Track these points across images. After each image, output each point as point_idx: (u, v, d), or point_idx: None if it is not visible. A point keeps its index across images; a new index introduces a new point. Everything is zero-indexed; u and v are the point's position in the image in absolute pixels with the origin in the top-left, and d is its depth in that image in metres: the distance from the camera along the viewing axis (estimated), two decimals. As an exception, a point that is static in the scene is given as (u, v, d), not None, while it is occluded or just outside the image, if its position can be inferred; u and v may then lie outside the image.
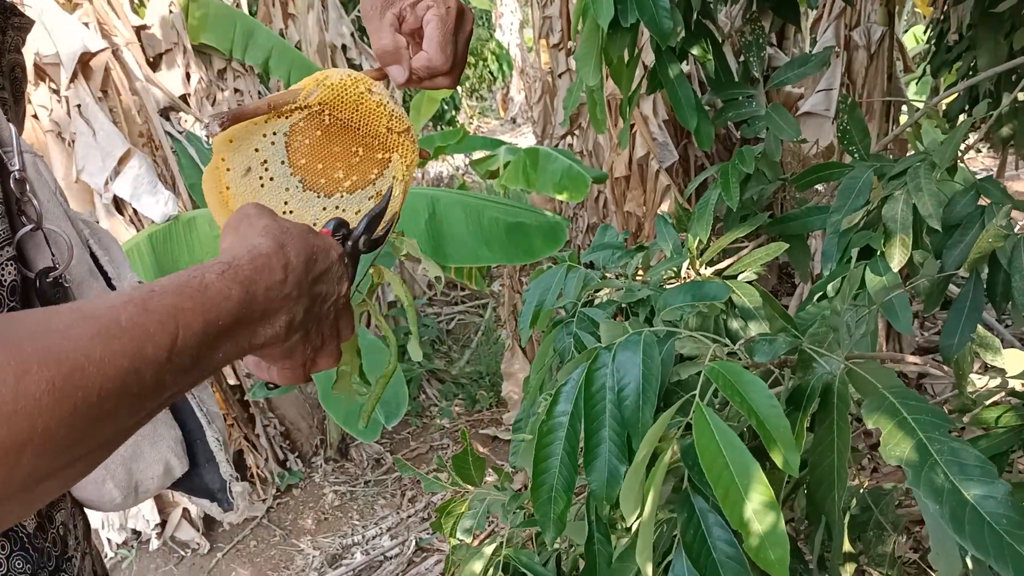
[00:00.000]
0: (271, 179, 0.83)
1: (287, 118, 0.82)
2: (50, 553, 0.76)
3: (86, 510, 0.90)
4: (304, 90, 0.82)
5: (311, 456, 3.97)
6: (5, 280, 0.67)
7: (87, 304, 0.49)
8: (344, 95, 0.83)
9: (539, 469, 0.95)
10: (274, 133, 0.82)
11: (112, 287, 0.82)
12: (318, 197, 0.84)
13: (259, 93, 4.26)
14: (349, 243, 0.81)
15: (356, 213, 0.85)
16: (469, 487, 1.25)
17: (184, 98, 3.74)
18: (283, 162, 0.83)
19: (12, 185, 0.70)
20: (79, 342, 0.44)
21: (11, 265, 0.68)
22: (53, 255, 0.73)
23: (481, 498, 1.22)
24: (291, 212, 0.83)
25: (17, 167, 0.70)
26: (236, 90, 4.09)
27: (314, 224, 0.83)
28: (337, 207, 0.85)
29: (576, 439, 0.95)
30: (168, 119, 3.36)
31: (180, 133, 3.31)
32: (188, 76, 3.80)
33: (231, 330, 0.55)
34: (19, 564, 0.72)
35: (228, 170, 0.81)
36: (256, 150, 0.82)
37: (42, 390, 0.41)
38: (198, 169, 3.27)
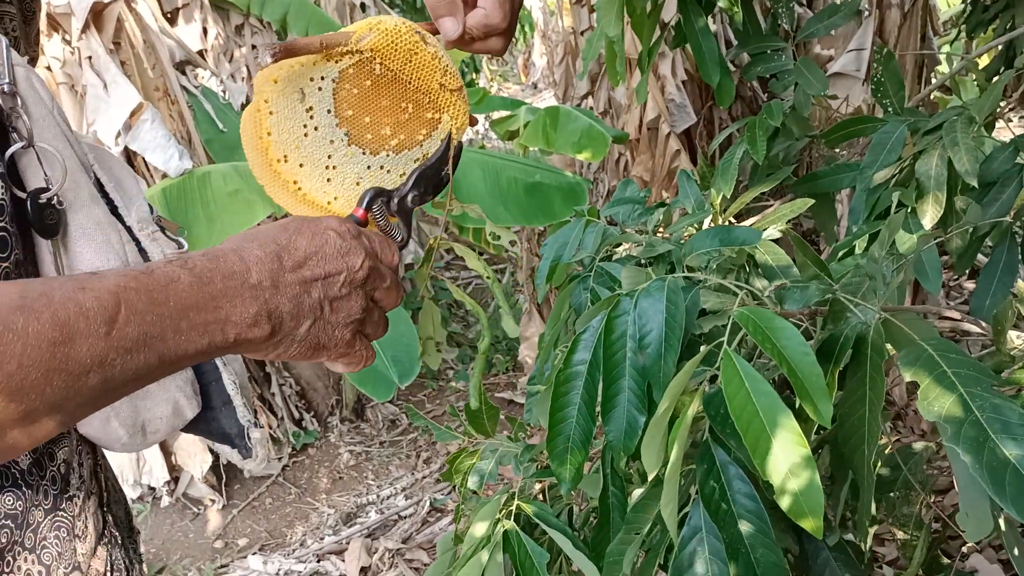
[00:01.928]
0: (315, 129, 0.78)
1: (336, 62, 0.77)
2: (47, 491, 0.73)
3: (107, 453, 0.88)
4: (356, 33, 0.77)
5: (327, 416, 3.97)
6: None
7: (31, 281, 0.52)
8: (397, 42, 0.77)
9: (556, 419, 0.92)
10: (322, 78, 0.77)
11: (118, 216, 0.79)
12: (363, 154, 0.80)
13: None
14: (395, 200, 0.78)
15: (400, 176, 0.81)
16: (481, 438, 1.22)
17: (201, 53, 3.70)
18: (329, 111, 0.78)
19: (1, 100, 0.67)
20: (1, 312, 0.47)
21: None
22: (47, 175, 0.70)
23: (493, 449, 1.19)
24: (334, 167, 0.79)
25: (7, 80, 0.67)
26: (253, 46, 4.04)
27: (357, 183, 0.80)
28: (382, 167, 0.81)
29: (595, 389, 0.91)
30: (184, 74, 3.32)
31: (196, 88, 3.28)
32: (205, 31, 3.76)
33: (187, 314, 0.56)
34: (10, 500, 0.70)
35: (271, 113, 0.77)
36: (302, 94, 0.77)
37: None
38: (214, 124, 3.24)
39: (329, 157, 0.79)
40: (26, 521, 0.70)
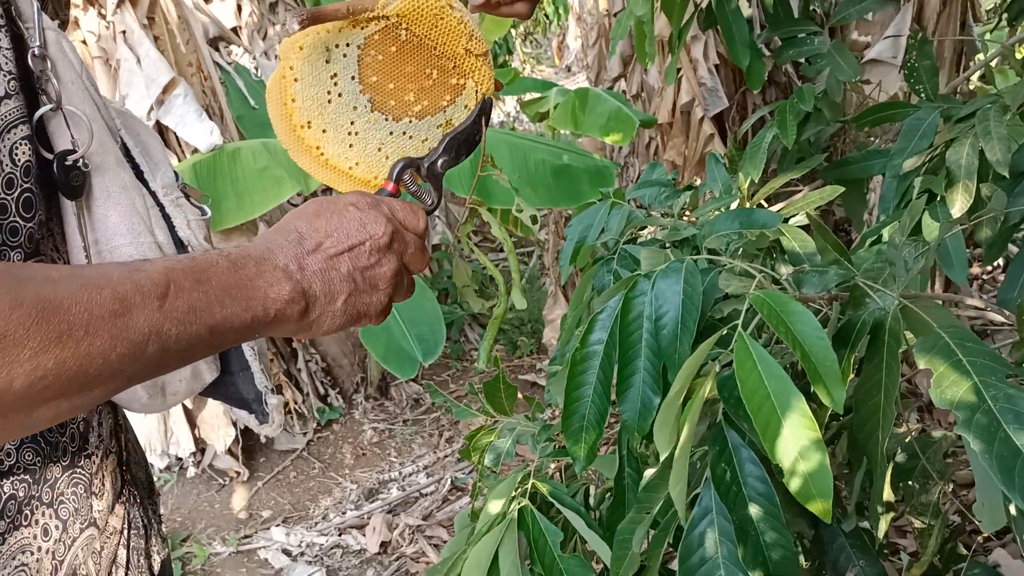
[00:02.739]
0: (339, 95, 0.79)
1: (362, 28, 0.78)
2: (65, 447, 0.75)
3: (128, 414, 0.89)
4: None
5: (352, 393, 4.01)
6: (19, 160, 0.66)
7: (86, 267, 0.58)
8: (424, 7, 0.78)
9: (571, 398, 0.92)
10: (347, 44, 0.78)
11: (143, 181, 0.80)
12: (386, 120, 0.81)
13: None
14: (424, 166, 0.80)
15: (423, 142, 0.82)
16: (500, 416, 1.23)
17: (235, 30, 3.72)
18: (353, 77, 0.79)
19: (31, 62, 0.68)
20: (69, 286, 0.51)
21: (25, 145, 0.66)
22: (73, 138, 0.71)
23: (511, 428, 1.20)
24: (356, 133, 0.80)
25: (37, 43, 0.68)
26: (286, 24, 4.06)
27: (379, 149, 0.81)
28: (404, 133, 0.81)
29: (611, 369, 0.92)
30: (217, 50, 3.34)
31: (229, 64, 3.30)
32: (239, 8, 3.78)
33: (228, 291, 0.60)
34: (28, 456, 0.72)
35: (296, 80, 0.78)
36: (327, 61, 0.78)
37: (31, 320, 0.48)
38: (246, 101, 3.26)
39: (352, 123, 0.80)
40: (44, 476, 0.72)
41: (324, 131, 0.80)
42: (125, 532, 0.84)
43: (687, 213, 1.76)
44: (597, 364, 0.92)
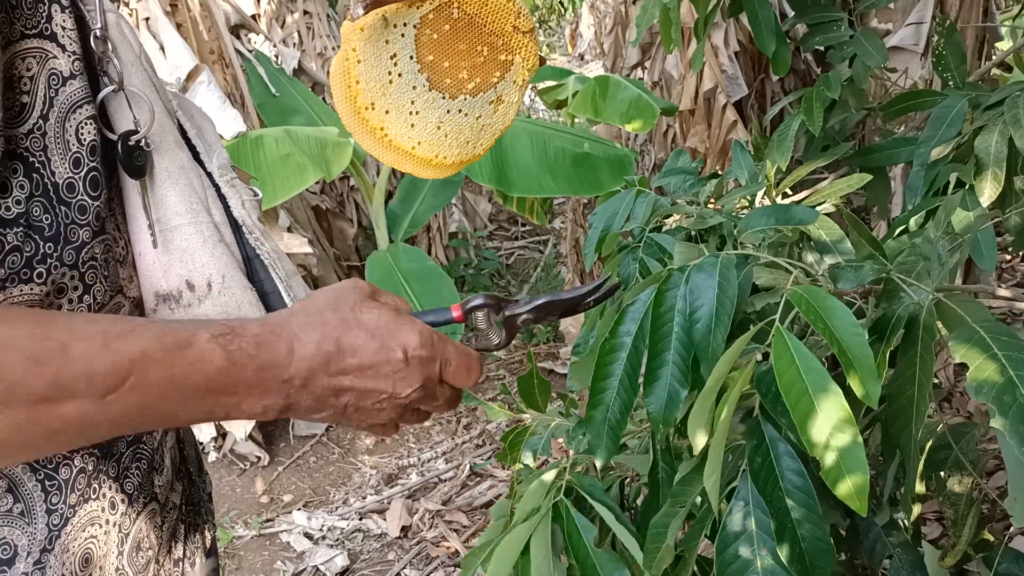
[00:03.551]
0: (399, 75, 0.81)
1: (417, 8, 0.80)
2: None
3: None
4: None
5: (370, 379, 4.03)
6: (84, 139, 0.67)
7: (64, 321, 0.55)
8: None
9: (597, 388, 0.93)
10: (404, 24, 0.80)
11: (200, 162, 0.81)
12: (443, 98, 0.83)
13: (327, 16, 4.23)
14: (505, 313, 0.77)
15: (477, 118, 0.84)
16: (531, 412, 1.24)
17: (255, 18, 3.73)
18: (412, 57, 0.81)
19: (93, 44, 0.69)
20: (14, 356, 0.51)
21: (91, 124, 0.67)
22: (135, 118, 0.72)
23: (546, 424, 1.20)
24: (417, 113, 0.82)
25: (99, 25, 0.68)
26: (305, 12, 4.06)
27: (438, 127, 0.83)
28: (460, 111, 0.83)
29: (639, 361, 0.92)
30: (239, 38, 3.35)
31: (250, 52, 3.31)
32: (258, -5, 3.78)
33: (200, 395, 0.58)
34: None
35: (359, 62, 0.80)
36: (386, 42, 0.80)
37: None
38: (267, 89, 3.27)
39: (412, 103, 0.81)
40: (110, 451, 0.73)
41: (387, 112, 0.81)
42: (183, 507, 0.85)
43: (712, 201, 1.76)
44: (625, 356, 0.92)
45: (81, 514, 0.70)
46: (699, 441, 0.81)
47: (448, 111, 0.83)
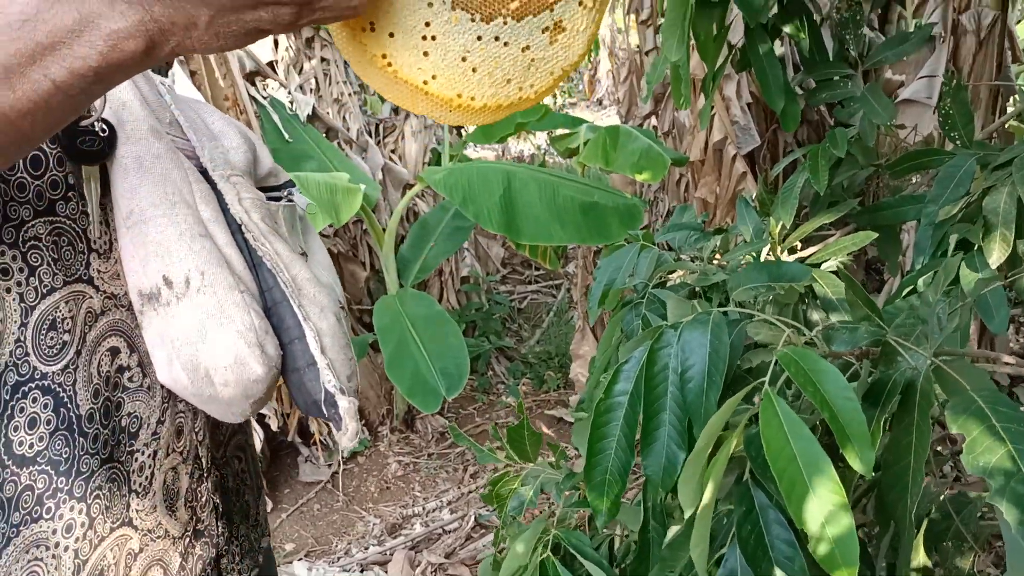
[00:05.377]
0: None
1: None
2: (106, 440, 0.73)
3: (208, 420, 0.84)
4: None
5: (377, 425, 4.01)
6: None
7: None
8: None
9: (594, 450, 0.91)
10: None
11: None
12: (471, 20, 0.62)
13: (346, 64, 4.29)
14: None
15: (523, 50, 0.64)
16: (524, 463, 1.22)
17: (271, 65, 3.79)
18: None
19: None
20: None
21: None
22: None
23: (535, 475, 1.18)
24: (433, 38, 0.62)
25: None
26: (323, 59, 4.13)
27: (463, 59, 0.63)
28: (497, 38, 0.63)
29: (635, 421, 0.90)
30: (254, 84, 3.40)
31: (265, 99, 3.35)
32: (276, 43, 3.84)
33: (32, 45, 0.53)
34: (59, 445, 0.70)
35: None
36: None
37: None
38: (280, 135, 3.31)
39: (427, 25, 0.62)
40: (76, 468, 0.70)
41: (392, 35, 0.63)
42: (187, 539, 0.81)
43: (718, 256, 1.75)
44: (621, 416, 0.91)
45: (26, 534, 0.68)
46: (688, 506, 0.79)
47: (479, 37, 0.63)
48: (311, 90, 3.93)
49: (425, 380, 2.81)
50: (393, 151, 4.59)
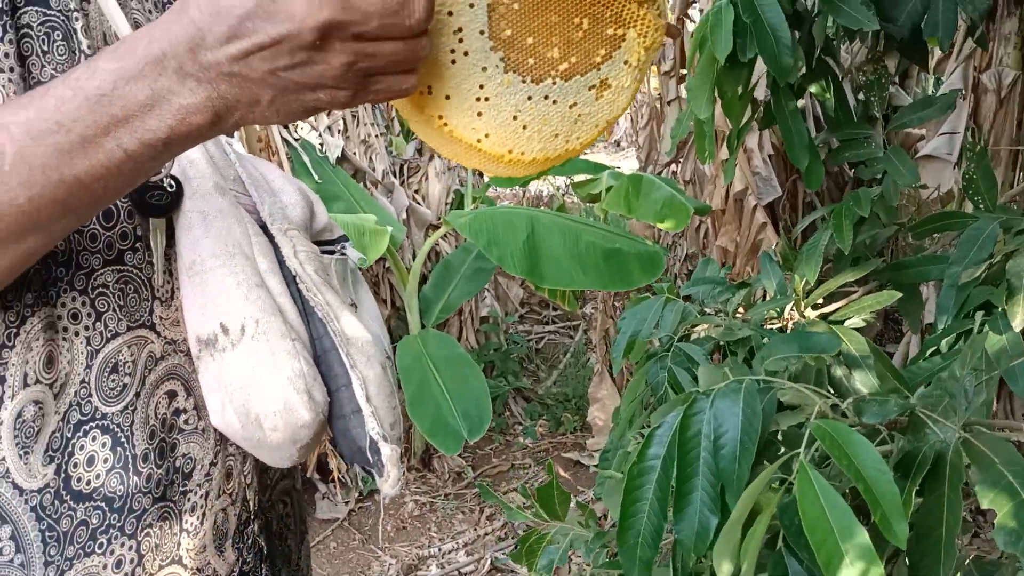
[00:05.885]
0: (465, 54, 0.65)
1: None
2: (160, 480, 0.75)
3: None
4: None
5: (394, 464, 4.02)
6: None
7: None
8: None
9: (627, 512, 0.93)
10: None
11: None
12: (523, 82, 0.67)
13: (375, 108, 4.37)
14: None
15: (571, 107, 0.68)
16: (552, 521, 1.24)
17: (300, 106, 3.87)
18: (482, 32, 0.65)
19: None
20: None
21: None
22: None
23: (564, 532, 1.20)
24: (486, 99, 0.67)
25: None
26: (350, 101, 4.21)
27: (514, 117, 0.67)
28: (547, 97, 0.67)
29: (668, 485, 0.92)
30: (286, 127, 3.47)
31: (296, 140, 3.43)
32: (306, 85, 3.93)
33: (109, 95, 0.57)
34: (114, 483, 0.73)
35: None
36: (449, 14, 0.64)
37: None
38: (311, 176, 3.37)
39: (481, 87, 0.66)
40: (129, 506, 0.73)
41: (448, 97, 0.66)
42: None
43: (741, 310, 1.78)
44: (654, 479, 0.93)
45: (78, 567, 0.70)
46: (724, 575, 0.81)
47: (530, 97, 0.67)
48: (339, 131, 4.01)
49: (446, 421, 2.83)
50: (417, 191, 4.65)
